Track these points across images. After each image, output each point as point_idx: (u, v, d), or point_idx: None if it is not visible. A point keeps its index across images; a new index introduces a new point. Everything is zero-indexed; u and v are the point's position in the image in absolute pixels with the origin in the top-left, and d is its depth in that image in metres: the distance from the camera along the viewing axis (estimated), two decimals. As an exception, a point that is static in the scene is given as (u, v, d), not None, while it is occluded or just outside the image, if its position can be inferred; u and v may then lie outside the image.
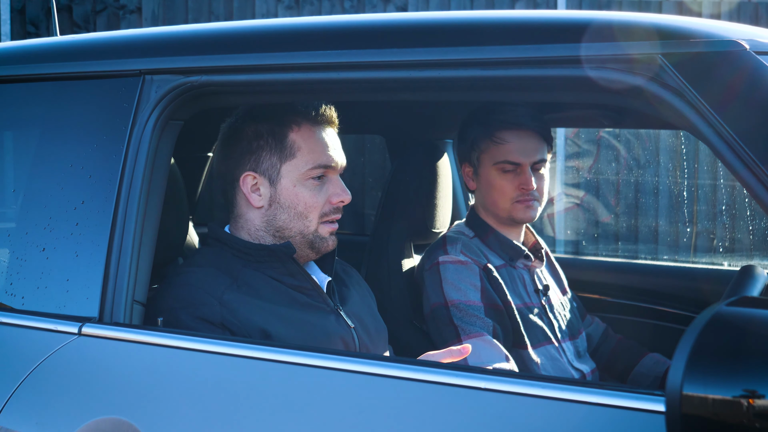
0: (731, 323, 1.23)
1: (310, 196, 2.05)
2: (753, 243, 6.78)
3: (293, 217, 2.05)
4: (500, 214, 2.52)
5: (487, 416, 1.48)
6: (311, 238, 2.07)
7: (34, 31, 7.10)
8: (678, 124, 1.58)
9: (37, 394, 1.77)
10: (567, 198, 7.27)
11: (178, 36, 2.00)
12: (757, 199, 1.46)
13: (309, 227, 2.06)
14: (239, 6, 7.25)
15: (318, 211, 2.05)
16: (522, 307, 2.48)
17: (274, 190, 2.04)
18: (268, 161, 2.04)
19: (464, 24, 1.78)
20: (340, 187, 2.08)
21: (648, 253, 7.17)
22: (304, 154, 2.04)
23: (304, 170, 2.04)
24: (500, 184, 2.49)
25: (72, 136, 1.94)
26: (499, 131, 2.48)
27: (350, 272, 2.29)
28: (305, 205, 2.04)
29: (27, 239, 1.92)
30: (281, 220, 2.05)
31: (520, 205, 2.49)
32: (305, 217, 2.05)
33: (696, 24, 1.64)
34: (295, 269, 2.04)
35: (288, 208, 2.05)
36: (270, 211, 2.05)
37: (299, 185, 2.04)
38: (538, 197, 2.50)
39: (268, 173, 2.05)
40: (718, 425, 1.21)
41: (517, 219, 2.51)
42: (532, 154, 2.47)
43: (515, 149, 2.46)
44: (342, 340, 2.01)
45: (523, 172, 2.47)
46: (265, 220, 2.06)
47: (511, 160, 2.47)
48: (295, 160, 2.04)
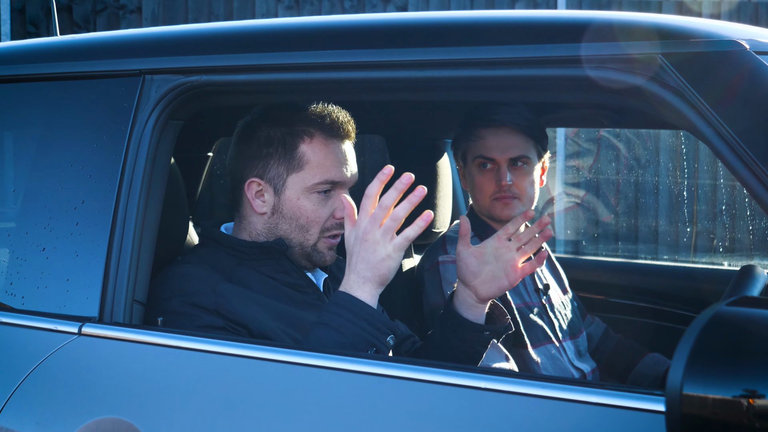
0: (731, 323, 1.23)
1: (312, 210, 2.03)
2: (753, 243, 6.78)
3: (294, 228, 2.04)
4: (483, 211, 2.53)
5: (487, 416, 1.48)
6: (309, 251, 2.06)
7: (34, 31, 7.10)
8: (678, 124, 1.58)
9: (37, 394, 1.77)
10: (567, 197, 7.27)
11: (178, 36, 2.00)
12: (757, 199, 1.46)
13: (309, 240, 2.05)
14: (239, 6, 7.25)
15: (320, 226, 2.04)
16: (522, 307, 2.48)
17: (278, 199, 2.04)
18: (275, 170, 2.03)
19: (464, 24, 1.78)
20: None
21: (648, 253, 7.17)
22: (312, 168, 2.02)
23: (310, 184, 2.02)
24: (479, 181, 2.50)
25: (72, 136, 1.94)
26: (476, 128, 2.50)
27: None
28: (307, 218, 2.03)
29: (27, 239, 1.92)
30: (282, 229, 2.05)
31: (497, 202, 2.48)
32: (306, 230, 2.04)
33: (696, 24, 1.64)
34: (289, 266, 2.04)
35: (290, 219, 2.04)
36: (272, 219, 2.05)
37: (303, 198, 2.03)
38: (518, 195, 2.48)
39: (273, 182, 2.04)
40: (718, 425, 1.21)
41: (496, 217, 2.50)
42: (509, 150, 2.46)
43: (490, 145, 2.47)
44: None
45: (500, 168, 2.46)
46: (267, 227, 2.06)
47: (486, 155, 2.47)
48: (303, 173, 2.02)
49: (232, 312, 1.89)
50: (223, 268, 2.00)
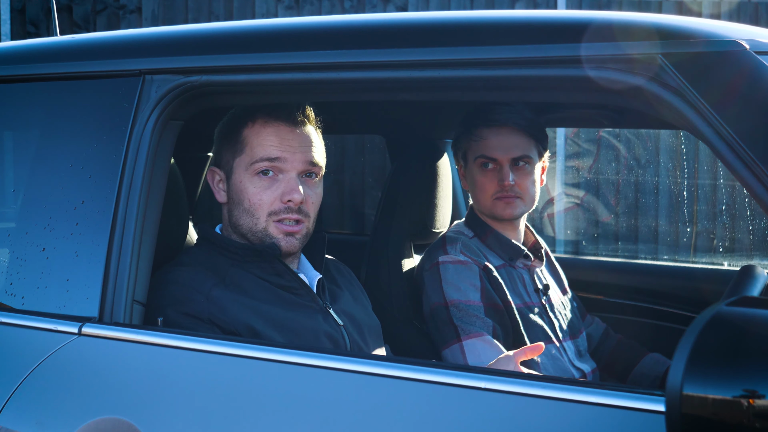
0: (731, 323, 1.23)
1: (254, 193, 2.03)
2: (753, 243, 6.78)
3: (242, 212, 2.05)
4: (484, 211, 2.53)
5: (487, 416, 1.48)
6: (261, 236, 2.04)
7: (34, 31, 7.10)
8: (678, 124, 1.58)
9: (37, 394, 1.77)
10: (567, 198, 7.27)
11: (178, 36, 2.00)
12: (757, 199, 1.46)
13: (257, 225, 2.04)
14: (239, 6, 7.25)
15: (265, 209, 2.03)
16: (522, 307, 2.48)
17: (229, 185, 2.08)
18: (225, 157, 2.09)
19: (464, 24, 1.78)
20: (291, 185, 2.02)
21: (648, 253, 7.17)
22: (252, 148, 2.05)
23: (249, 163, 2.04)
24: (481, 181, 2.51)
25: (72, 136, 1.94)
26: (477, 128, 2.51)
27: (343, 271, 2.29)
28: (250, 201, 2.03)
29: (27, 239, 1.92)
30: (234, 215, 2.07)
31: (499, 202, 2.49)
32: (251, 214, 2.04)
33: (696, 24, 1.64)
34: (282, 269, 2.04)
35: (237, 203, 2.06)
36: (228, 206, 2.09)
37: (246, 180, 2.05)
38: (520, 194, 2.49)
39: (225, 168, 2.09)
40: (718, 425, 1.21)
41: (498, 216, 2.51)
42: (511, 150, 2.47)
43: (491, 144, 2.48)
44: (329, 338, 2.01)
45: (502, 168, 2.47)
46: (227, 216, 2.10)
47: (487, 154, 2.48)
48: (243, 155, 2.06)
49: (226, 321, 1.90)
50: (217, 269, 2.00)
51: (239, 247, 2.04)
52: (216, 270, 2.00)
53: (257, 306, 1.95)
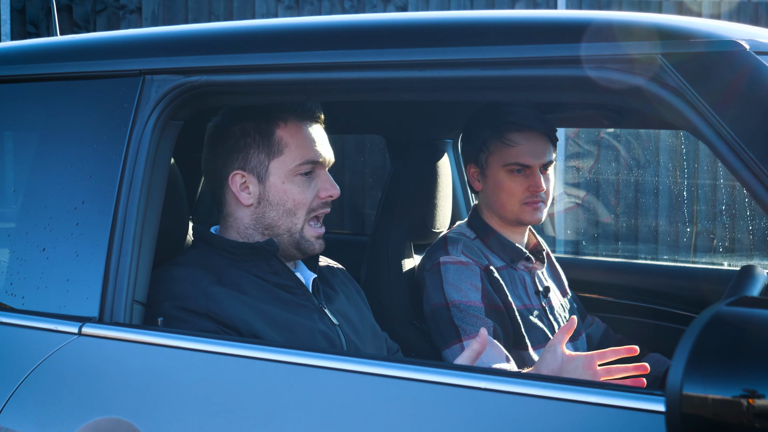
0: (731, 323, 1.23)
1: (298, 192, 2.05)
2: (753, 243, 6.78)
3: (282, 214, 2.06)
4: (507, 216, 2.52)
5: (487, 416, 1.48)
6: (297, 237, 2.07)
7: (34, 31, 7.10)
8: (678, 124, 1.58)
9: (37, 394, 1.77)
10: (567, 198, 7.27)
11: (178, 36, 2.00)
12: (757, 199, 1.46)
13: (297, 224, 2.06)
14: (239, 6, 7.25)
15: (306, 207, 2.06)
16: (522, 309, 2.48)
17: (263, 187, 2.05)
18: (256, 159, 2.05)
19: (464, 24, 1.78)
20: (329, 181, 2.08)
21: (648, 253, 7.17)
22: (292, 150, 2.05)
23: (293, 166, 2.04)
24: (509, 186, 2.49)
25: (72, 136, 1.94)
26: (509, 133, 2.47)
27: (337, 272, 2.30)
28: (294, 201, 2.05)
29: (27, 239, 1.92)
30: (270, 217, 2.06)
31: (528, 207, 2.49)
32: (293, 213, 2.06)
33: (696, 24, 1.64)
34: (279, 267, 2.05)
35: (277, 205, 2.05)
36: (259, 208, 2.06)
37: (288, 182, 2.05)
38: (545, 199, 2.51)
39: (256, 171, 2.06)
40: (718, 425, 1.21)
41: (524, 221, 2.51)
42: (542, 156, 2.47)
43: (525, 151, 2.46)
44: (325, 337, 2.01)
45: (533, 174, 2.47)
46: (254, 218, 2.07)
47: (522, 162, 2.47)
48: (283, 157, 2.05)
49: (223, 315, 1.90)
50: (213, 269, 2.00)
51: (236, 245, 2.04)
52: (213, 269, 2.00)
53: (254, 304, 1.96)
